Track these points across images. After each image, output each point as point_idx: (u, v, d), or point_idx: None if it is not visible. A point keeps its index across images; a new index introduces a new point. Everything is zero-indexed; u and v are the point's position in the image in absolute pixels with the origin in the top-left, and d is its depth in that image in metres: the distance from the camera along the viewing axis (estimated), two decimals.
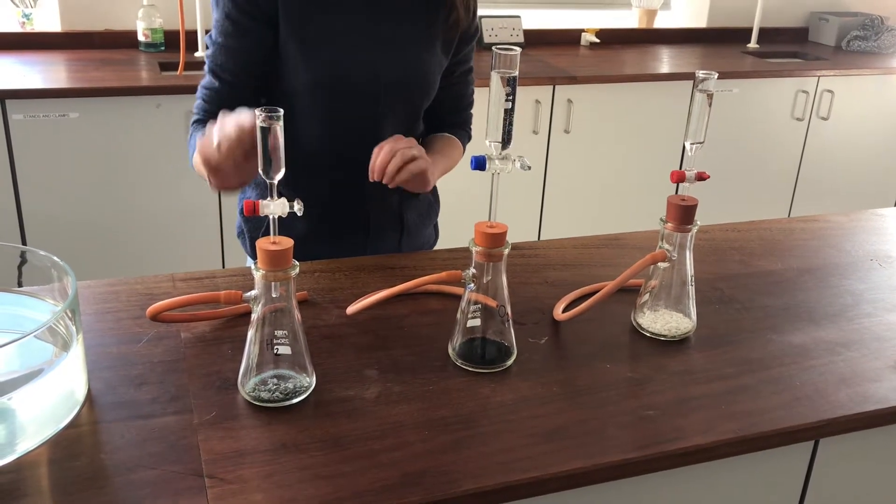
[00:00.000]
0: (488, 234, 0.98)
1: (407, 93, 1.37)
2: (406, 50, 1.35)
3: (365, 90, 1.33)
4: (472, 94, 1.51)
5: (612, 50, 3.54)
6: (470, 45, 1.44)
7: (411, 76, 1.36)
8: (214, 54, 1.30)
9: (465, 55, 1.45)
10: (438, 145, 1.45)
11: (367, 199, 1.41)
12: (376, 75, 1.33)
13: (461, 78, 1.47)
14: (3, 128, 2.43)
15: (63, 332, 0.95)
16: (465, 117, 1.52)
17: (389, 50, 1.33)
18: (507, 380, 1.02)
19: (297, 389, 0.96)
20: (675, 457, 0.91)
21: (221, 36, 1.29)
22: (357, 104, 1.34)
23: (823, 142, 3.54)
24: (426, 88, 1.40)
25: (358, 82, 1.32)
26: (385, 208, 1.45)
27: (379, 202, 1.43)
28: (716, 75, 1.04)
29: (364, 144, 1.28)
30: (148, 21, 2.95)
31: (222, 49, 1.29)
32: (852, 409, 1.00)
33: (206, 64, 1.33)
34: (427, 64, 1.37)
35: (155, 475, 0.83)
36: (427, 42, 1.36)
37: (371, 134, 1.33)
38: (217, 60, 1.30)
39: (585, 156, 3.16)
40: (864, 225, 1.61)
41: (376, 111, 1.35)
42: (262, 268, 0.90)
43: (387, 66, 1.33)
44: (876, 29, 3.84)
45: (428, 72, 1.38)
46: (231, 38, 1.28)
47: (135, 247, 2.68)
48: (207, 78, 1.33)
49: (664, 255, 1.10)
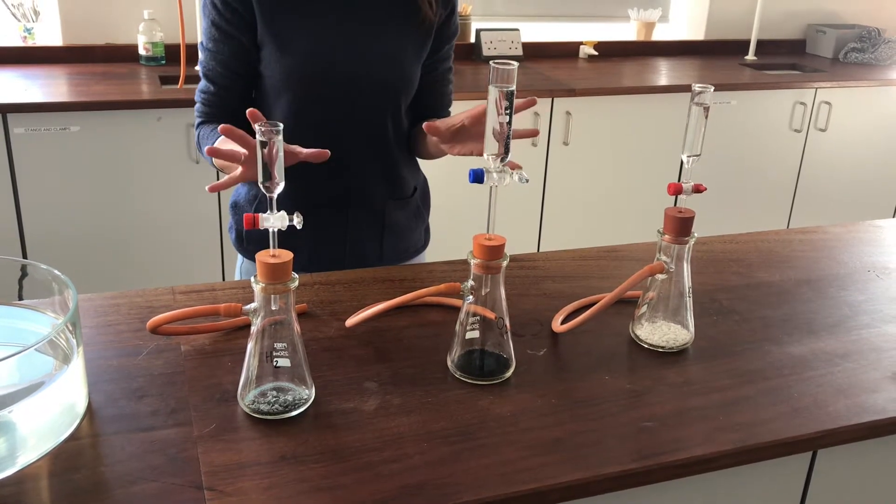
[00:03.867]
0: (486, 247, 0.98)
1: (383, 90, 1.40)
2: (380, 47, 1.37)
3: (339, 88, 1.36)
4: (451, 94, 1.54)
5: (610, 62, 3.56)
6: (449, 42, 1.47)
7: (386, 73, 1.39)
8: (206, 60, 1.37)
9: (445, 52, 1.47)
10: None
11: (351, 202, 1.44)
12: (350, 73, 1.36)
13: (442, 76, 1.49)
14: (5, 141, 2.44)
15: (64, 346, 0.96)
16: (446, 116, 1.54)
17: (363, 48, 1.36)
18: (506, 392, 1.02)
19: (297, 402, 0.96)
20: (674, 468, 0.92)
21: (210, 42, 1.35)
22: (332, 101, 1.37)
23: (821, 153, 3.55)
24: (403, 85, 1.42)
25: (331, 80, 1.36)
26: (367, 206, 1.46)
27: (360, 203, 1.45)
28: (712, 88, 1.04)
29: (342, 141, 1.36)
30: (149, 35, 2.96)
31: (211, 55, 1.36)
32: (850, 420, 1.00)
33: (200, 69, 1.39)
34: (402, 61, 1.40)
35: (155, 488, 0.83)
36: (401, 39, 1.39)
37: (349, 131, 1.38)
38: (209, 65, 1.37)
39: (584, 168, 3.17)
40: (863, 236, 1.61)
41: (352, 108, 1.38)
42: (262, 280, 0.91)
43: (360, 63, 1.36)
44: (873, 41, 3.86)
45: (404, 69, 1.40)
46: (219, 44, 1.35)
47: (135, 260, 2.68)
48: (203, 82, 1.40)
49: (662, 267, 1.11)
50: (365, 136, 1.41)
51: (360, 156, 1.42)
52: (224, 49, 1.34)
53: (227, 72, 1.36)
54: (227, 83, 1.37)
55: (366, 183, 1.45)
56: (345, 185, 1.43)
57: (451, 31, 1.47)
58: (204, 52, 1.36)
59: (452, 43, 1.49)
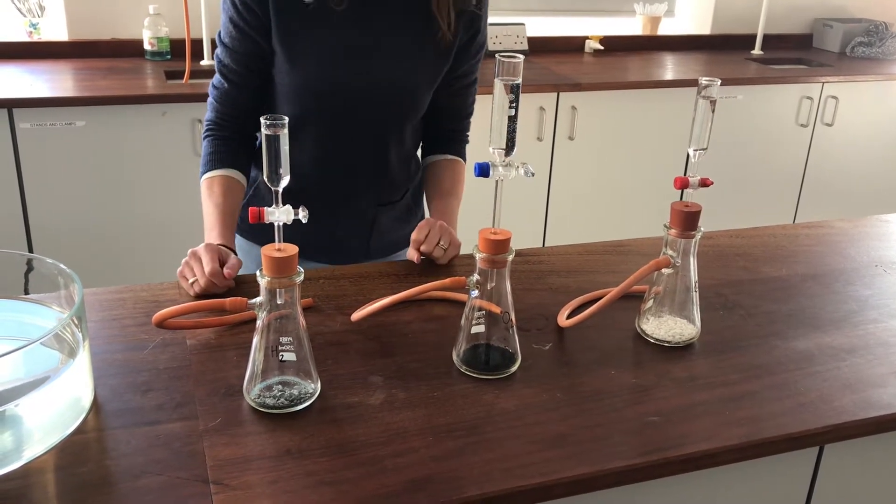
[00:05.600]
0: (492, 241, 0.98)
1: (389, 114, 1.39)
2: (391, 72, 1.35)
3: (343, 106, 1.35)
4: (472, 104, 1.52)
5: (616, 57, 3.55)
6: (471, 61, 1.43)
7: (394, 99, 1.37)
8: (222, 55, 1.36)
9: (466, 70, 1.44)
10: (448, 183, 1.48)
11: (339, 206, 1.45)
12: (356, 95, 1.35)
13: (461, 91, 1.47)
14: (11, 136, 2.44)
15: (69, 340, 0.96)
16: (464, 125, 1.54)
17: (373, 71, 1.34)
18: (512, 386, 1.02)
19: (302, 396, 0.96)
20: (680, 463, 0.91)
21: (227, 38, 1.34)
22: (336, 118, 1.36)
23: (828, 148, 3.54)
24: (410, 112, 1.41)
25: (337, 99, 1.35)
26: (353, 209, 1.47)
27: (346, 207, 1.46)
28: (718, 82, 1.04)
29: (342, 154, 1.38)
30: (154, 30, 2.96)
31: (228, 51, 1.35)
32: (857, 415, 1.00)
33: (215, 63, 1.38)
34: (412, 89, 1.38)
35: (161, 481, 0.83)
36: (415, 65, 1.36)
37: (349, 146, 1.39)
38: (224, 61, 1.36)
39: (589, 162, 3.16)
40: (869, 231, 1.61)
41: (355, 126, 1.37)
42: (267, 275, 0.91)
43: (368, 87, 1.35)
44: (880, 35, 3.84)
45: (412, 96, 1.39)
46: (235, 41, 1.33)
47: (141, 254, 2.68)
48: (217, 77, 1.38)
49: (668, 262, 1.10)
50: (365, 153, 1.41)
51: (357, 169, 1.42)
52: (239, 47, 1.33)
53: (241, 69, 1.35)
54: (240, 80, 1.36)
55: (357, 193, 1.45)
56: (336, 192, 1.43)
57: (474, 52, 1.42)
58: (221, 47, 1.35)
59: (477, 60, 1.44)
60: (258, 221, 0.91)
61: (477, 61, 1.45)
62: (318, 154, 1.39)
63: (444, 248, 1.32)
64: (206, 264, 1.18)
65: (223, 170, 1.37)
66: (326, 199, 1.43)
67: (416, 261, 1.31)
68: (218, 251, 1.22)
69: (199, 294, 1.20)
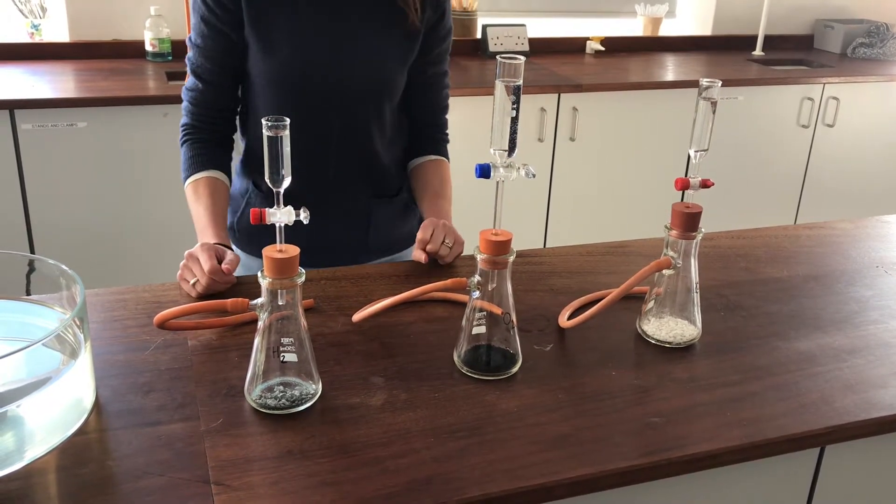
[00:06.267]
0: (493, 242, 0.98)
1: (366, 95, 1.39)
2: (363, 53, 1.37)
3: (321, 91, 1.36)
4: (446, 98, 1.52)
5: (617, 58, 3.55)
6: (441, 46, 1.45)
7: (368, 78, 1.38)
8: (194, 56, 1.36)
9: (437, 56, 1.45)
10: (436, 183, 1.49)
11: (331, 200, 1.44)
12: (331, 77, 1.35)
13: (434, 80, 1.48)
14: (12, 137, 2.44)
15: (71, 340, 0.96)
16: (442, 122, 1.54)
17: (345, 53, 1.35)
18: (513, 387, 1.02)
19: (304, 396, 0.96)
20: (681, 464, 0.91)
21: (199, 38, 1.35)
22: (315, 104, 1.37)
23: (829, 149, 3.54)
24: (386, 91, 1.41)
25: (313, 84, 1.36)
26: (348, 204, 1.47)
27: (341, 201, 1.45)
28: (719, 83, 1.04)
29: (325, 142, 1.38)
30: (155, 31, 2.97)
31: (200, 51, 1.35)
32: (858, 416, 1.00)
33: (187, 66, 1.38)
34: (385, 67, 1.39)
35: (162, 482, 0.83)
36: (385, 44, 1.38)
37: (332, 133, 1.39)
38: (197, 62, 1.36)
39: (590, 163, 3.16)
40: (870, 232, 1.61)
41: (335, 111, 1.38)
42: (269, 276, 0.91)
43: (342, 68, 1.36)
44: (881, 36, 3.84)
45: (387, 74, 1.40)
46: (207, 40, 1.34)
47: (142, 255, 2.69)
48: (191, 79, 1.39)
49: (669, 263, 1.10)
50: (348, 139, 1.41)
51: (342, 157, 1.42)
52: (212, 45, 1.34)
53: (215, 67, 1.35)
54: (214, 79, 1.36)
55: (348, 183, 1.45)
56: (327, 184, 1.43)
57: (442, 35, 1.44)
58: (192, 48, 1.36)
59: (444, 47, 1.46)
60: (260, 223, 0.92)
61: (447, 48, 1.47)
62: (302, 147, 1.39)
63: (449, 247, 1.33)
64: (204, 263, 1.19)
65: (206, 171, 1.37)
66: (318, 192, 1.43)
67: (423, 261, 1.32)
68: (214, 249, 1.22)
69: (201, 294, 1.20)
